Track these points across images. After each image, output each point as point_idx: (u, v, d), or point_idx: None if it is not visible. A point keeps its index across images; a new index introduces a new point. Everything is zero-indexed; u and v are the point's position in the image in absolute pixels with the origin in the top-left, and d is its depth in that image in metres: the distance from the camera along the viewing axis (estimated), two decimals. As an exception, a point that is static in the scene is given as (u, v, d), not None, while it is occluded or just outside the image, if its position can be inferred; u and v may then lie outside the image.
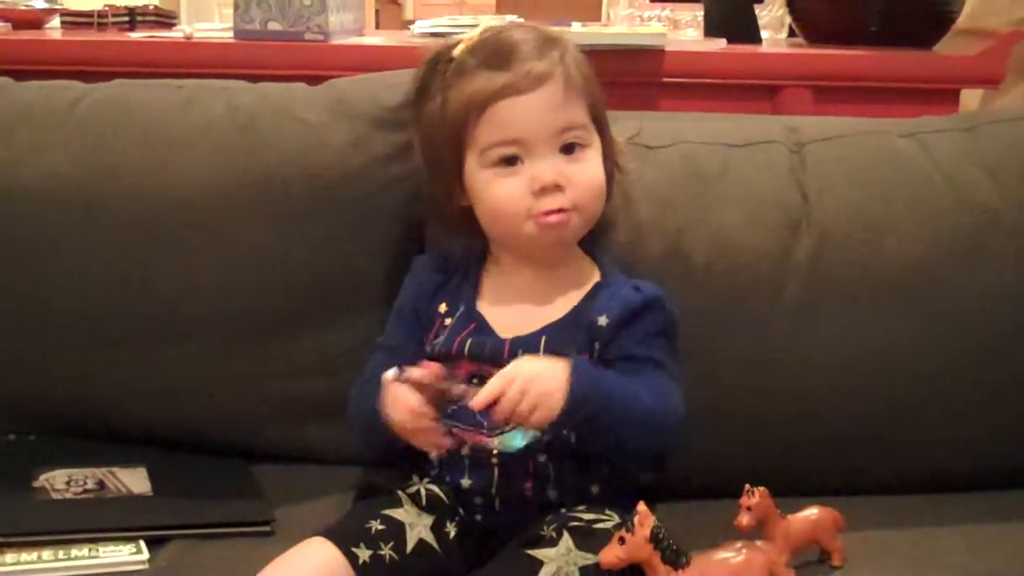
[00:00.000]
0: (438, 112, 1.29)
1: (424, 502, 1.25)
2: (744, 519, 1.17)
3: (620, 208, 1.42)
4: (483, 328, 1.29)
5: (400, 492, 1.25)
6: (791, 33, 2.70)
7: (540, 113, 1.25)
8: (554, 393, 1.16)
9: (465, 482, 1.27)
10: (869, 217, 1.44)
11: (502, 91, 1.25)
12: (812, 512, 1.22)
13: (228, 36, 2.20)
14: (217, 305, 1.47)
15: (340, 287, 1.48)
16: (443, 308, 1.33)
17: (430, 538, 1.21)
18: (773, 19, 2.74)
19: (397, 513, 1.22)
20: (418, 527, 1.21)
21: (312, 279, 1.47)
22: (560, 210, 1.25)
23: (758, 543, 1.17)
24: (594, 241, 1.37)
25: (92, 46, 2.22)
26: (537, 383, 1.16)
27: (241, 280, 1.47)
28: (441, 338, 1.29)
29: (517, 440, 1.24)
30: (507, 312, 1.31)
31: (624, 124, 1.40)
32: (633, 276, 1.34)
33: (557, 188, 1.25)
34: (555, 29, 1.36)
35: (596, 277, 1.33)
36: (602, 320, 1.26)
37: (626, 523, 1.11)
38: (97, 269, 1.47)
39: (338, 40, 2.17)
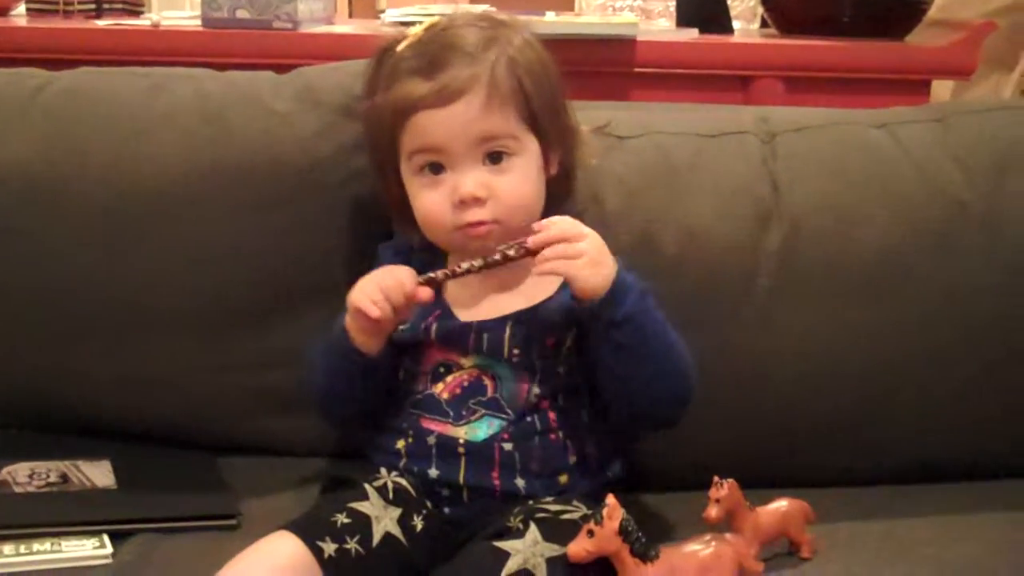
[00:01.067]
0: (376, 112, 1.29)
1: (391, 495, 1.23)
2: (713, 511, 1.16)
3: (589, 199, 1.41)
4: (448, 315, 1.29)
5: (367, 485, 1.23)
6: (763, 23, 2.70)
7: (458, 125, 1.23)
8: (608, 259, 1.20)
9: (432, 472, 1.26)
10: (840, 208, 1.44)
11: (421, 102, 1.24)
12: (781, 504, 1.22)
13: (196, 24, 2.18)
14: (183, 295, 1.46)
15: (308, 276, 1.46)
16: None
17: (396, 531, 1.20)
18: (745, 9, 2.74)
19: (363, 506, 1.20)
20: (384, 520, 1.20)
21: (279, 268, 1.46)
22: (481, 223, 1.24)
23: (727, 536, 1.17)
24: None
25: (57, 33, 2.21)
26: (599, 242, 1.21)
27: (207, 269, 1.45)
28: (407, 324, 1.28)
29: (482, 429, 1.24)
30: (472, 301, 1.30)
31: (594, 115, 1.39)
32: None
33: (477, 201, 1.24)
34: (511, 19, 1.32)
35: None
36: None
37: (595, 515, 1.10)
38: (61, 258, 1.45)
39: (307, 28, 2.16)
